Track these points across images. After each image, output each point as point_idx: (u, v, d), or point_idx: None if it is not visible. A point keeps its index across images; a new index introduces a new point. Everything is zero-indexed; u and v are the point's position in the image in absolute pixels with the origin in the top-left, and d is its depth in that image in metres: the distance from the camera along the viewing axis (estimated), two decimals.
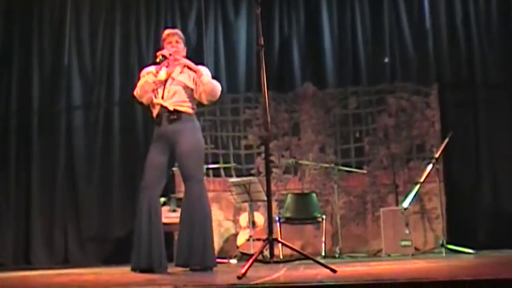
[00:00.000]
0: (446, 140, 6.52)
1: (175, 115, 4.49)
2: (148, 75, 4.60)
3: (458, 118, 7.51)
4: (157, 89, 4.56)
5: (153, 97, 4.56)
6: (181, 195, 7.45)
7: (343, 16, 8.04)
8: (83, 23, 7.92)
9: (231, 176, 7.70)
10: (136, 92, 4.63)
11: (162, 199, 6.88)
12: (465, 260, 4.94)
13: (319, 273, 3.31)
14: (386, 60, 7.84)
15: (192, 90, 4.56)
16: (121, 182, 7.51)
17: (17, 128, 7.57)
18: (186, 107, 4.54)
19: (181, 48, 4.70)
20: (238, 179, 7.17)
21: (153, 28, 7.96)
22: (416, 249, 6.62)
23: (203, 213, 4.42)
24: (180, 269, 4.41)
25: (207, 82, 4.53)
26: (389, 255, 6.47)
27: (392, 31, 7.90)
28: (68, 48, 7.78)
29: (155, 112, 4.58)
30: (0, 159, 7.49)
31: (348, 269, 3.80)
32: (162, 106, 4.51)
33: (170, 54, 4.59)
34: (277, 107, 7.94)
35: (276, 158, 7.87)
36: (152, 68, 4.64)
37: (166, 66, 4.63)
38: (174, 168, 7.24)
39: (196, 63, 4.67)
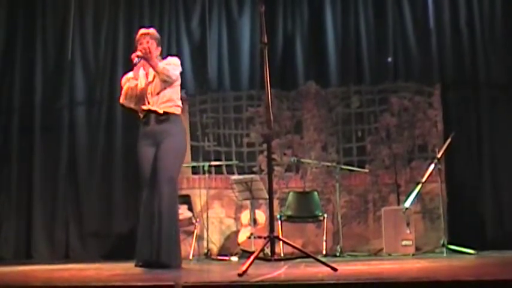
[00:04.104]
0: (449, 140, 6.52)
1: (164, 116, 4.63)
2: (129, 81, 4.71)
3: (460, 118, 7.50)
4: (142, 96, 4.67)
5: (141, 104, 4.69)
6: (183, 192, 7.52)
7: (347, 15, 8.02)
8: (86, 19, 7.92)
9: (233, 173, 7.71)
10: (123, 99, 4.79)
11: None
12: (466, 260, 4.94)
13: (319, 271, 3.32)
14: (389, 59, 7.83)
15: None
16: (123, 178, 7.51)
17: (19, 123, 7.60)
18: (174, 108, 4.67)
19: (154, 48, 4.71)
20: (240, 177, 7.18)
21: (157, 25, 7.94)
22: (417, 249, 6.61)
23: (164, 211, 4.45)
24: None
25: (161, 71, 4.57)
26: (390, 255, 6.47)
27: (395, 30, 7.89)
28: (71, 44, 7.79)
29: (142, 113, 4.71)
30: (3, 155, 7.51)
31: (348, 268, 3.80)
32: (150, 110, 4.64)
33: (146, 53, 4.63)
34: (280, 105, 7.94)
35: (278, 156, 7.87)
36: (131, 74, 4.74)
37: (144, 69, 4.73)
38: None
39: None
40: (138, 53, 4.64)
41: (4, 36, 7.73)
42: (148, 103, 4.65)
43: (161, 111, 4.61)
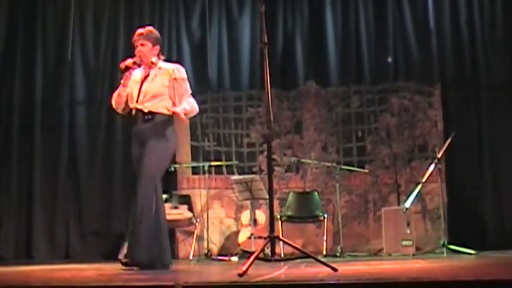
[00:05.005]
0: (449, 140, 6.51)
1: (150, 115, 4.54)
2: (119, 88, 4.67)
3: (460, 118, 7.50)
4: (132, 93, 4.61)
5: (129, 102, 4.65)
6: (183, 192, 7.52)
7: (347, 15, 8.04)
8: (86, 18, 7.93)
9: (233, 173, 7.71)
10: (113, 103, 4.78)
11: (164, 196, 6.89)
12: (466, 260, 4.94)
13: (320, 271, 3.32)
14: (389, 59, 7.84)
15: (168, 92, 4.58)
16: (123, 177, 7.50)
17: (20, 123, 7.60)
18: (163, 108, 4.56)
19: (148, 49, 4.62)
20: (240, 177, 7.18)
21: (157, 24, 7.94)
22: (417, 249, 6.61)
23: (144, 212, 4.36)
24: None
25: (187, 114, 4.57)
26: (390, 255, 6.47)
27: (396, 30, 7.90)
28: (71, 44, 7.79)
29: (133, 113, 4.64)
30: (3, 154, 7.51)
31: (348, 268, 3.80)
32: (137, 109, 4.58)
33: (134, 63, 4.60)
34: (280, 105, 7.94)
35: (278, 156, 7.87)
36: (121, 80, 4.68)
37: (144, 68, 4.67)
38: (176, 165, 7.29)
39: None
40: (129, 61, 4.59)
41: (5, 35, 7.74)
42: (137, 101, 4.57)
43: (146, 111, 4.54)
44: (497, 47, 7.53)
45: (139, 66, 4.69)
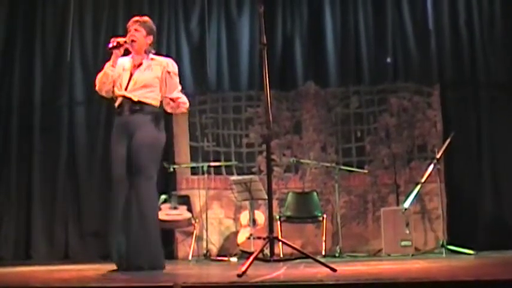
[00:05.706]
0: (448, 141, 6.52)
1: (138, 106, 4.35)
2: (108, 67, 4.48)
3: (460, 118, 7.51)
4: (120, 80, 4.43)
5: (116, 89, 4.45)
6: (182, 192, 7.52)
7: (346, 15, 8.04)
8: (86, 18, 7.93)
9: (232, 174, 7.70)
10: (96, 85, 4.54)
11: (163, 196, 6.90)
12: (465, 260, 4.95)
13: (319, 272, 3.32)
14: (388, 60, 7.84)
15: (158, 84, 4.45)
16: None
17: (19, 123, 7.60)
18: (152, 99, 4.40)
19: (142, 36, 4.49)
20: (240, 177, 7.17)
21: (156, 25, 7.91)
22: (416, 249, 6.62)
23: (145, 212, 4.26)
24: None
25: (179, 109, 4.43)
26: (389, 255, 6.47)
27: (395, 31, 7.90)
28: (70, 44, 7.79)
29: (117, 102, 4.45)
30: (2, 154, 7.51)
31: (348, 268, 3.80)
32: (125, 97, 4.39)
33: (125, 42, 4.44)
34: (279, 106, 7.93)
35: (277, 156, 7.86)
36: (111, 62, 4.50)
37: (133, 57, 4.54)
38: (175, 166, 7.29)
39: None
40: (121, 39, 4.44)
41: (4, 35, 7.74)
42: (126, 89, 4.37)
43: (135, 99, 4.35)
44: (496, 47, 7.53)
45: (128, 53, 4.55)
